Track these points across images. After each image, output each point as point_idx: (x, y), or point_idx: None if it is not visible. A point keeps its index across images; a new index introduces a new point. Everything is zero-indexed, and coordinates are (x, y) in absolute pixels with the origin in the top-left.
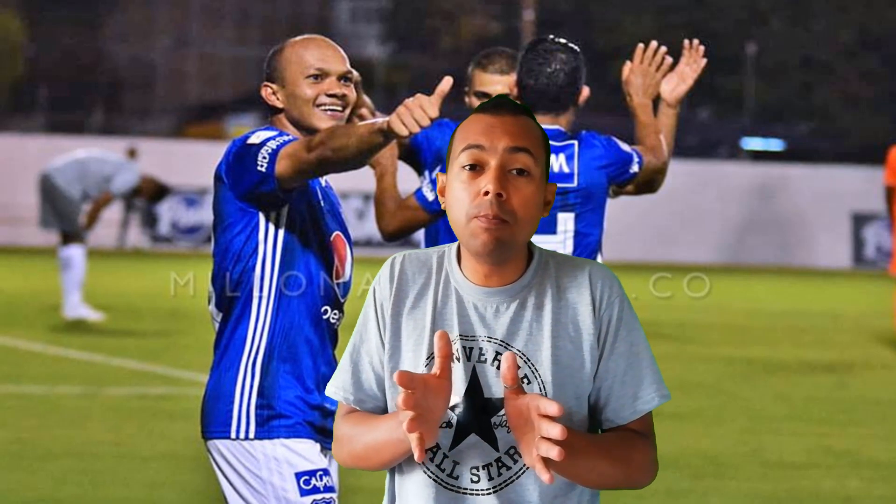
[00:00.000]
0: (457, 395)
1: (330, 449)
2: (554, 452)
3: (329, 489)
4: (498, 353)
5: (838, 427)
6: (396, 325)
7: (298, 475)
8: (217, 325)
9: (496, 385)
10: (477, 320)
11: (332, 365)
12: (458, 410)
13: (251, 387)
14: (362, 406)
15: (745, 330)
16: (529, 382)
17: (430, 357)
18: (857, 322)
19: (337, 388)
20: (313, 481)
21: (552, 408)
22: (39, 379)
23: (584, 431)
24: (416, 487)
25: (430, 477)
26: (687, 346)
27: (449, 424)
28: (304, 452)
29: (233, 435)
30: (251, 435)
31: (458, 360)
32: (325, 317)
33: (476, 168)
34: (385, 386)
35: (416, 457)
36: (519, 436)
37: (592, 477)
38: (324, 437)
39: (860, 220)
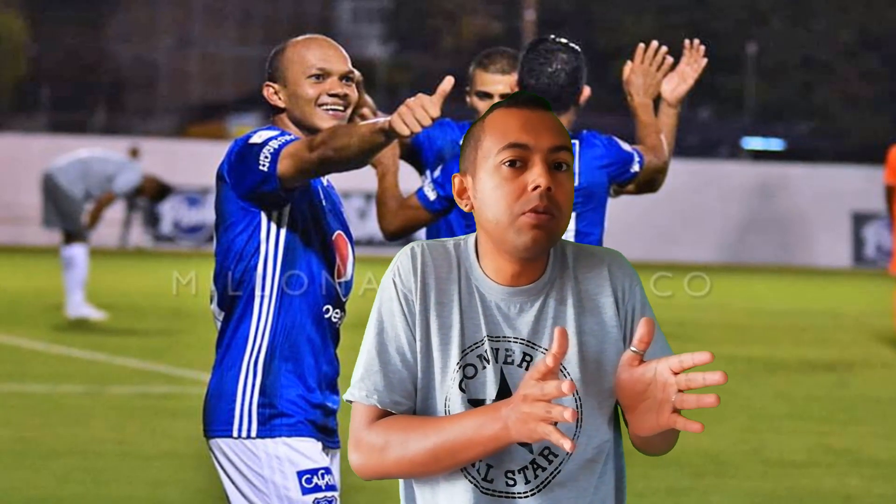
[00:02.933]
0: (488, 399)
1: (332, 447)
2: (717, 377)
3: (331, 488)
4: (525, 354)
5: (838, 425)
6: (424, 320)
7: (300, 474)
8: (219, 324)
9: None
10: (502, 320)
11: (334, 364)
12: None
13: (253, 386)
14: (398, 409)
15: (745, 329)
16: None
17: (462, 357)
18: (858, 321)
19: (369, 391)
20: (315, 480)
21: (703, 356)
22: (42, 378)
23: (611, 434)
24: (453, 491)
25: (470, 481)
26: (688, 345)
27: None
28: (306, 451)
29: (235, 434)
30: (253, 434)
31: (488, 361)
32: (326, 316)
33: (517, 164)
34: (418, 385)
35: (567, 447)
36: (635, 400)
37: (671, 441)
38: (325, 435)
39: (860, 220)
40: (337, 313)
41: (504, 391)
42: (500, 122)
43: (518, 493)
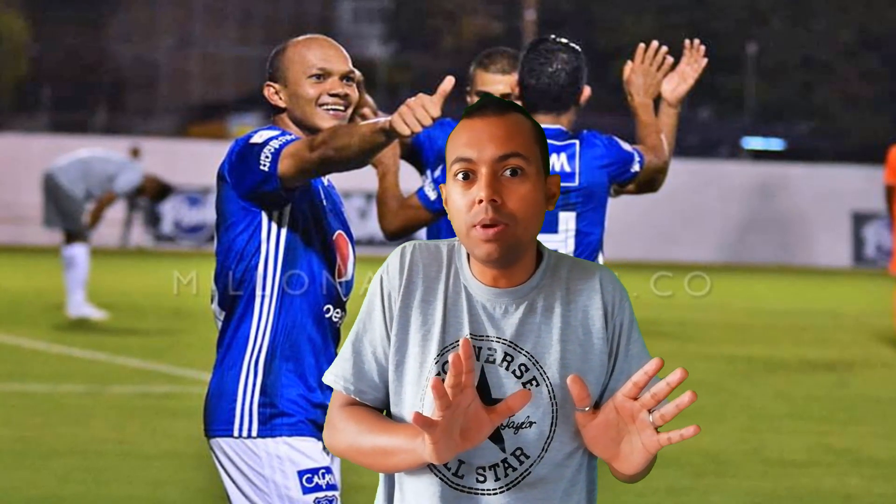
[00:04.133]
0: None
1: None
2: (687, 398)
3: (331, 487)
4: (507, 354)
5: (838, 425)
6: (405, 318)
7: (301, 473)
8: (220, 324)
9: (505, 385)
10: (486, 320)
11: None
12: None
13: (254, 385)
14: (362, 397)
15: (745, 328)
16: (538, 385)
17: (440, 354)
18: (858, 321)
19: (336, 376)
20: (316, 479)
21: (652, 366)
22: (43, 377)
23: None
24: (419, 485)
25: (437, 475)
26: (688, 345)
27: None
28: (307, 450)
29: (236, 433)
30: (254, 433)
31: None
32: (327, 315)
33: (469, 177)
34: (388, 378)
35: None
36: (613, 447)
37: (651, 464)
38: None
39: (860, 220)
40: (338, 313)
41: (483, 388)
42: (456, 134)
43: (487, 489)
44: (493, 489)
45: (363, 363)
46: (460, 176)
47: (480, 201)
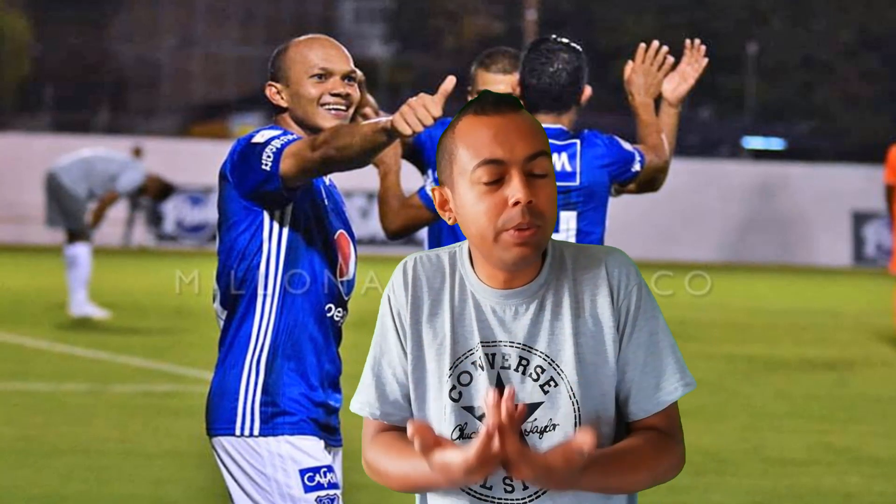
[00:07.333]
0: (478, 405)
1: (334, 446)
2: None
3: (333, 485)
4: (522, 359)
5: (838, 424)
6: (417, 334)
7: (302, 472)
8: (222, 323)
9: (522, 391)
10: (497, 324)
11: (336, 362)
12: (486, 420)
13: (255, 384)
14: (389, 419)
15: (746, 328)
16: (556, 385)
17: (453, 367)
18: (858, 320)
19: (363, 403)
20: (317, 478)
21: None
22: (45, 376)
23: (611, 439)
24: (448, 500)
25: (464, 489)
26: (688, 344)
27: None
28: (309, 449)
29: (237, 432)
30: (256, 432)
31: (483, 367)
32: (329, 315)
33: (495, 180)
34: (411, 397)
35: None
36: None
37: (626, 488)
38: (328, 434)
39: (860, 219)
40: (339, 312)
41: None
42: (472, 133)
43: (516, 499)
44: (522, 498)
45: (384, 385)
46: (486, 179)
47: (515, 204)
